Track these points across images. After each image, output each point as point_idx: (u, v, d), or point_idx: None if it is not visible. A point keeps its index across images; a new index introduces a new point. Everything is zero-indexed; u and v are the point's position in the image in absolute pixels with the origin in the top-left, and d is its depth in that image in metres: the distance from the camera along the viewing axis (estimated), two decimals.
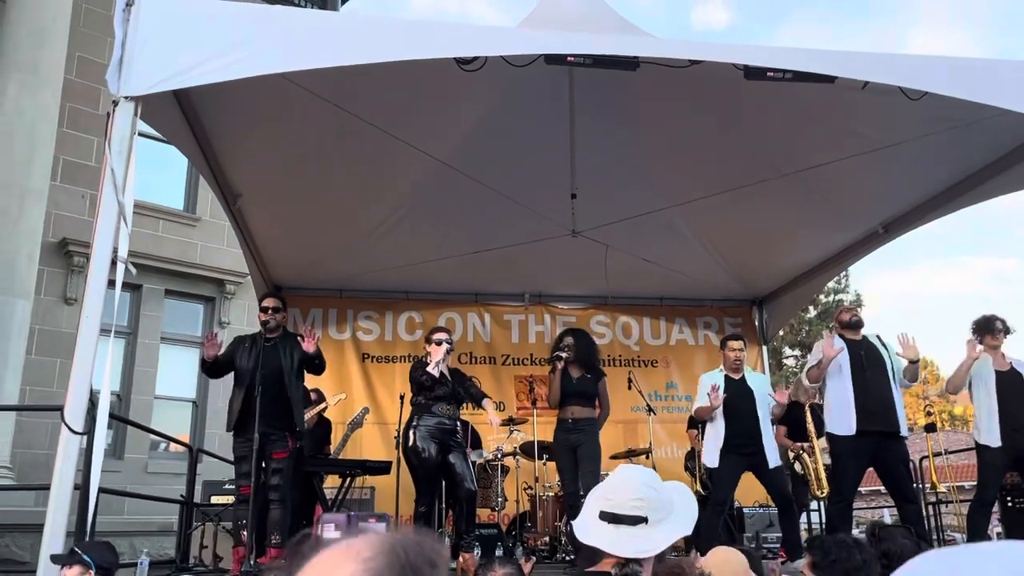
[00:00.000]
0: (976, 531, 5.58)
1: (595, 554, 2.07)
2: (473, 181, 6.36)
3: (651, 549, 2.02)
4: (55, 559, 3.43)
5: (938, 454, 7.11)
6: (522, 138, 6.16)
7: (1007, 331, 5.83)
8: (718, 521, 5.85)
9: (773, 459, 5.84)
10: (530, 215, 6.80)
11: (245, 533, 5.08)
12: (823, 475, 6.20)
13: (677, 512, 2.12)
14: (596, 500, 2.13)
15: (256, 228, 6.90)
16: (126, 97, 3.75)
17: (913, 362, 5.67)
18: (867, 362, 5.65)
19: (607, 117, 6.00)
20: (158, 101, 4.07)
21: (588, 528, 2.10)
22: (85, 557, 3.45)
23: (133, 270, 3.87)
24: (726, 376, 6.03)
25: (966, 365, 5.75)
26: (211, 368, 5.79)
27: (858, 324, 5.84)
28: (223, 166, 5.74)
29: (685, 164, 6.45)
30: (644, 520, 2.03)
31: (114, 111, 3.77)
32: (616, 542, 2.02)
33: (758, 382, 6.12)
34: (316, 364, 5.80)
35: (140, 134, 3.90)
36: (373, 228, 7.29)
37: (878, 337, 5.89)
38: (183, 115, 4.71)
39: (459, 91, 5.43)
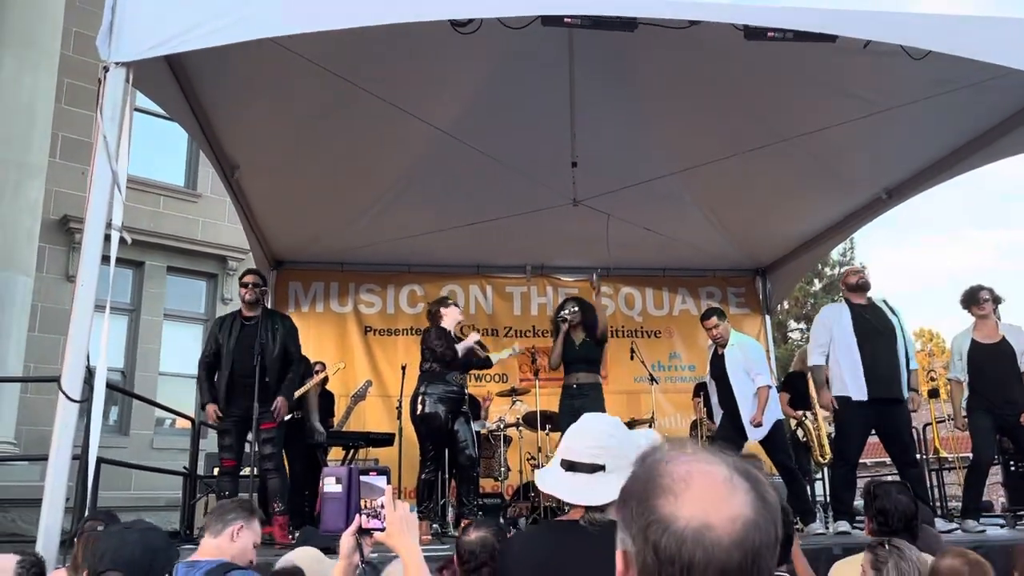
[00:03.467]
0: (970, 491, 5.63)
1: (566, 504, 2.06)
2: (473, 150, 6.29)
3: (604, 497, 1.97)
4: None
5: (941, 421, 7.09)
6: (522, 106, 6.09)
7: (996, 300, 5.80)
8: None
9: (752, 433, 5.88)
10: (531, 184, 6.74)
11: None
12: (826, 441, 6.20)
13: None
14: (560, 450, 2.12)
15: (255, 201, 6.86)
16: (117, 63, 3.71)
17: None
18: (873, 328, 5.64)
19: (607, 83, 5.92)
20: (151, 68, 4.03)
21: (548, 477, 2.09)
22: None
23: (128, 239, 3.84)
24: (713, 351, 6.30)
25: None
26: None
27: (865, 287, 5.83)
28: (220, 136, 5.70)
29: (686, 130, 6.38)
30: (601, 468, 2.00)
31: (105, 77, 3.72)
32: (571, 490, 2.00)
33: (734, 353, 6.15)
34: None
35: (139, 110, 3.87)
36: (373, 200, 7.25)
37: (885, 302, 5.87)
38: (177, 83, 4.66)
39: (457, 57, 5.36)
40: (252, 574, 2.62)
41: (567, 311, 6.59)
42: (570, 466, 2.04)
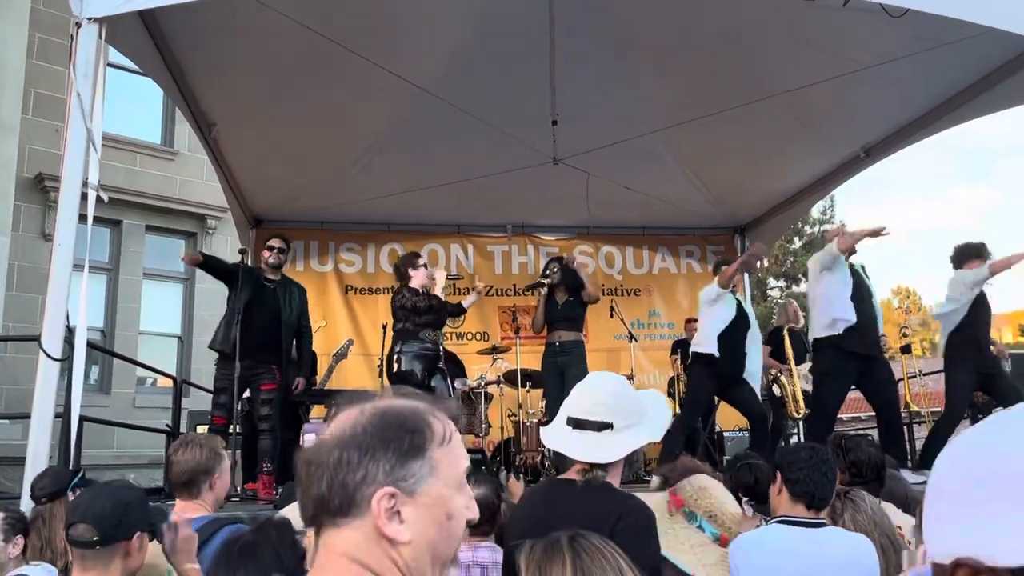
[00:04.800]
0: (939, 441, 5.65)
1: (563, 462, 2.10)
2: (453, 108, 6.25)
3: (612, 455, 2.03)
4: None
5: (912, 376, 7.23)
6: (501, 63, 6.04)
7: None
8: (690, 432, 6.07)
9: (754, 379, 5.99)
10: (511, 142, 6.72)
11: None
12: (800, 397, 6.32)
13: (649, 419, 2.12)
14: (565, 407, 2.15)
15: (233, 159, 6.80)
16: (89, 19, 3.65)
17: None
18: (860, 287, 5.76)
19: (587, 41, 5.88)
20: (124, 24, 3.97)
21: (555, 435, 2.12)
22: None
23: (105, 197, 3.82)
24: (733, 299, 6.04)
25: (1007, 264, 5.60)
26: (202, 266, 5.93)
27: (852, 250, 5.90)
28: (196, 94, 5.63)
29: (665, 88, 6.37)
30: (609, 426, 2.03)
31: (77, 33, 3.67)
32: (579, 447, 2.03)
33: (750, 309, 6.23)
34: None
35: (114, 66, 3.82)
36: (354, 158, 7.20)
37: (863, 267, 5.97)
38: (151, 39, 4.59)
39: (436, 13, 5.32)
40: (243, 527, 2.66)
41: (547, 272, 6.64)
42: (577, 424, 2.07)
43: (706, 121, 6.41)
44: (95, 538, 2.04)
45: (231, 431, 5.63)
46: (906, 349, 7.02)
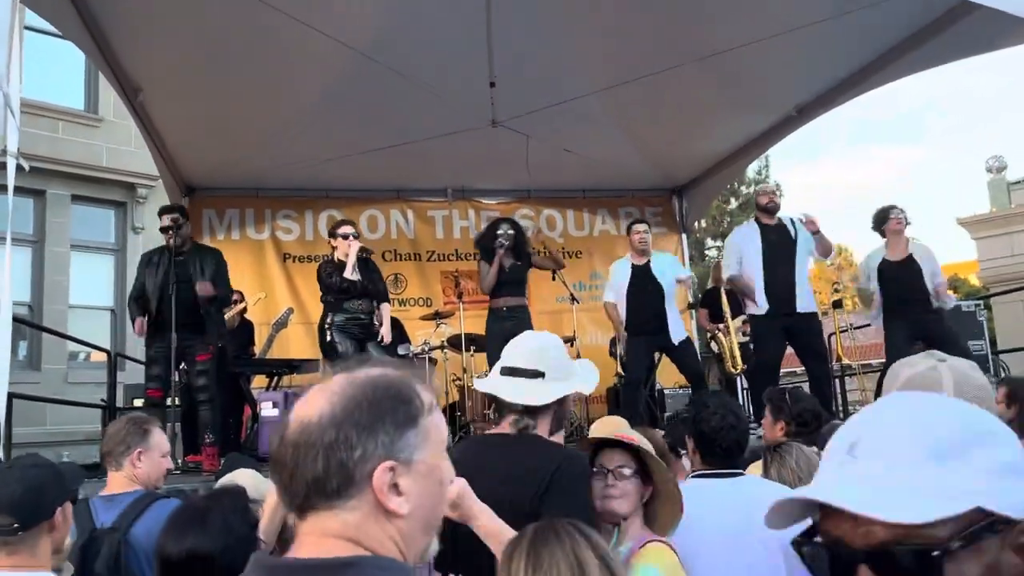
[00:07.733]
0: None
1: (498, 418, 2.14)
2: (388, 70, 6.14)
3: (544, 398, 2.08)
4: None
5: (844, 330, 7.47)
6: (437, 23, 5.93)
7: (906, 221, 6.10)
8: (635, 396, 6.18)
9: (676, 335, 6.11)
10: (449, 105, 6.63)
11: None
12: (737, 353, 6.47)
13: (579, 377, 2.19)
14: (502, 359, 2.19)
15: (162, 125, 6.60)
16: None
17: (815, 233, 5.90)
18: (777, 247, 5.90)
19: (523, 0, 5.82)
20: None
21: (489, 382, 2.18)
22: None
23: (26, 166, 3.67)
24: (632, 264, 6.36)
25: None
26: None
27: (774, 209, 6.06)
28: (120, 58, 5.43)
29: (604, 49, 6.34)
30: (541, 375, 2.09)
31: None
32: (511, 391, 2.09)
33: (663, 264, 6.36)
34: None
35: (31, 28, 3.63)
36: (288, 123, 7.02)
37: (791, 220, 6.11)
38: (71, 1, 4.39)
39: None
40: (175, 502, 2.61)
41: (501, 233, 6.52)
42: (511, 371, 2.12)
43: (644, 82, 6.42)
44: (15, 525, 1.98)
45: (169, 403, 5.53)
46: (837, 304, 7.23)
